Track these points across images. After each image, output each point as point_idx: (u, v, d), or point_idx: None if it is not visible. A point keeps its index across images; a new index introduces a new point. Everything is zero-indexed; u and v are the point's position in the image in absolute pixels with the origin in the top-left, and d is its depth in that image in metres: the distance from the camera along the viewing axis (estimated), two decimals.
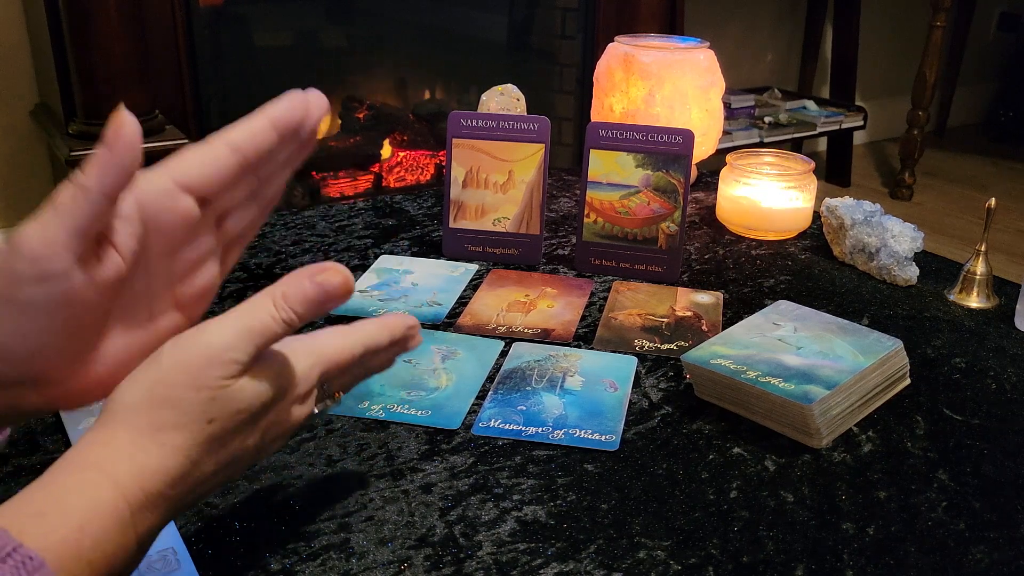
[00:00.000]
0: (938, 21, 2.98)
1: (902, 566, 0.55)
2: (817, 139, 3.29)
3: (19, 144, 2.18)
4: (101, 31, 1.73)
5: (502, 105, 1.10)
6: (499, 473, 0.62)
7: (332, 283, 0.43)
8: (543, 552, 0.55)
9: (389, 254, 0.98)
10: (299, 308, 0.43)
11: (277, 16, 2.37)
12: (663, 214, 0.93)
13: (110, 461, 0.40)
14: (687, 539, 0.56)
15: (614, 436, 0.66)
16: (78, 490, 0.39)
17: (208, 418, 0.42)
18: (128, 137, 0.40)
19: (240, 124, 0.45)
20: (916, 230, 0.93)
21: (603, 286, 0.92)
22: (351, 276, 0.44)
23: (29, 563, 0.35)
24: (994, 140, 3.89)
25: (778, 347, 0.70)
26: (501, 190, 0.96)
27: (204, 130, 2.03)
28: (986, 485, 0.62)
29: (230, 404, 0.42)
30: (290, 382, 0.45)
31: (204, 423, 0.42)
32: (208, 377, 0.42)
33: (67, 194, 0.40)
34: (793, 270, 0.97)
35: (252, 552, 0.54)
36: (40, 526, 0.37)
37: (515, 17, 2.68)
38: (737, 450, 0.65)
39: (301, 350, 0.46)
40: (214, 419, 0.42)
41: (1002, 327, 0.85)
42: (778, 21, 3.38)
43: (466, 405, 0.70)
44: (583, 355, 0.78)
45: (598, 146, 0.94)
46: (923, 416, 0.70)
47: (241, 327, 0.42)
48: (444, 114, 2.45)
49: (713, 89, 1.11)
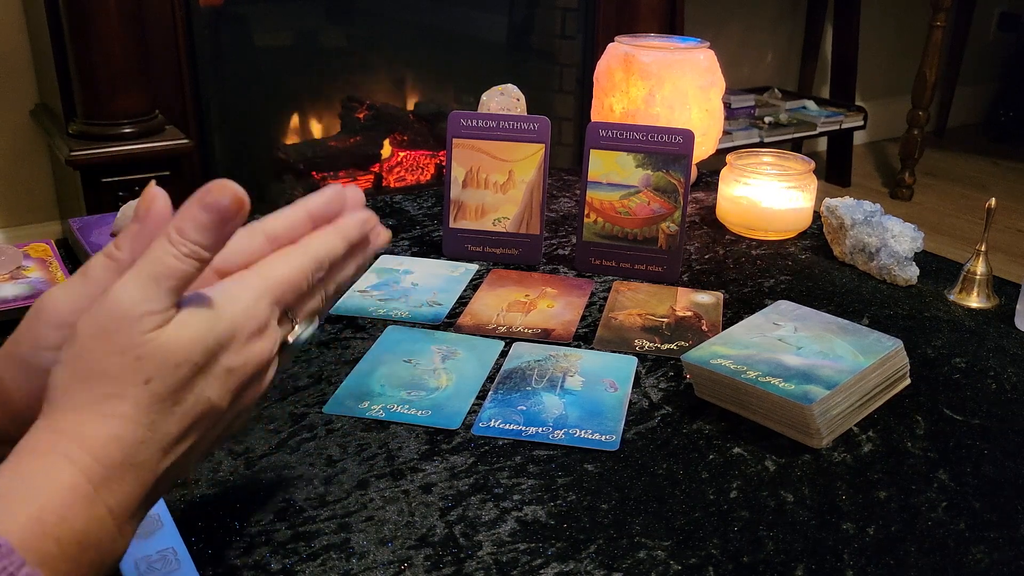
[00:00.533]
0: (938, 21, 2.98)
1: (902, 566, 0.55)
2: (817, 139, 3.29)
3: (19, 144, 2.19)
4: (101, 31, 1.73)
5: (502, 105, 1.10)
6: (499, 473, 0.62)
7: (222, 202, 0.40)
8: (543, 552, 0.55)
9: (389, 254, 0.98)
10: (197, 236, 0.40)
11: (277, 16, 2.37)
12: (663, 214, 0.93)
13: (61, 443, 0.39)
14: (687, 539, 0.56)
15: (614, 436, 0.66)
16: (36, 473, 0.38)
17: (144, 378, 0.39)
18: (158, 211, 0.42)
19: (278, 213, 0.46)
20: (916, 230, 0.93)
21: (603, 286, 0.92)
22: (240, 189, 0.41)
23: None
24: (994, 140, 3.89)
25: (778, 347, 0.70)
26: (501, 190, 0.96)
27: (204, 130, 2.04)
28: (986, 485, 0.62)
29: (163, 358, 0.40)
30: (232, 321, 0.42)
31: (141, 385, 0.39)
32: (127, 337, 0.39)
33: (98, 263, 0.42)
34: (793, 270, 0.97)
35: (252, 552, 0.54)
36: (2, 510, 0.37)
37: (515, 17, 2.68)
38: (737, 450, 0.65)
39: (240, 284, 0.43)
40: (151, 378, 0.39)
41: (1002, 327, 0.85)
42: (778, 21, 3.38)
43: (466, 405, 0.70)
44: (583, 355, 0.78)
45: (598, 146, 0.94)
46: (923, 416, 0.70)
47: (144, 276, 0.40)
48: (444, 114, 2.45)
49: (713, 89, 1.11)
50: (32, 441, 0.40)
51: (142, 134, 1.81)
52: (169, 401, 0.40)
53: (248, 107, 2.30)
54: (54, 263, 0.88)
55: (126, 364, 0.39)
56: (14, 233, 2.22)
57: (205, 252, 0.41)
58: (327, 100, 2.48)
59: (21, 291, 0.82)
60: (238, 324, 0.42)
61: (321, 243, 0.47)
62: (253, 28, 2.31)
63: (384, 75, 2.55)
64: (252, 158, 2.38)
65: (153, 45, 1.88)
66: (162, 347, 0.40)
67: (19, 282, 0.84)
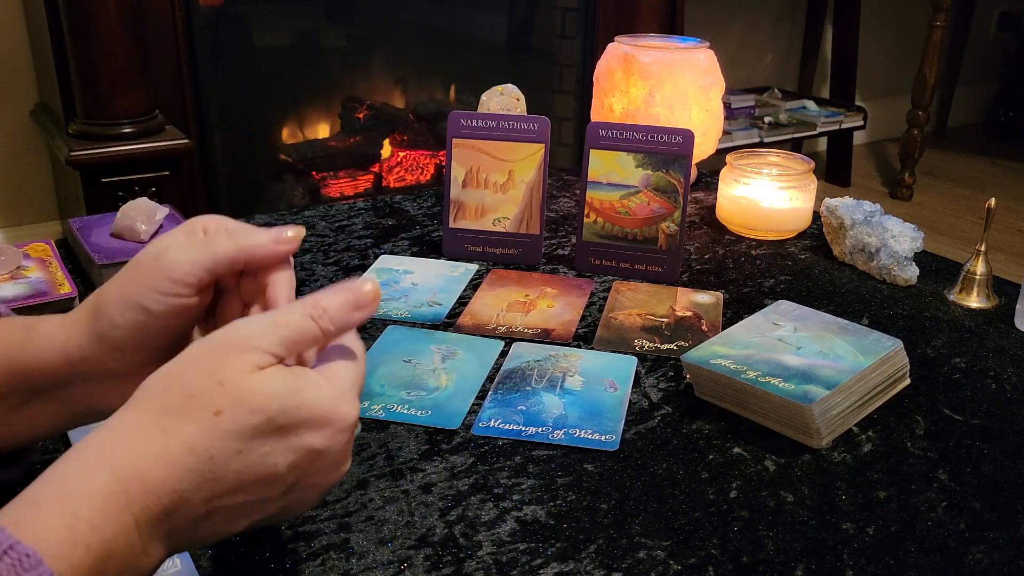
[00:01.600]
0: (938, 21, 2.98)
1: (902, 566, 0.55)
2: (817, 139, 3.29)
3: (19, 144, 2.19)
4: (101, 31, 1.73)
5: (502, 105, 1.10)
6: (499, 473, 0.62)
7: (362, 287, 0.45)
8: (543, 552, 0.55)
9: (389, 254, 0.98)
10: (329, 307, 0.44)
11: (277, 16, 2.37)
12: (663, 214, 0.93)
13: (111, 444, 0.40)
14: (687, 539, 0.56)
15: (614, 436, 0.66)
16: (75, 476, 0.39)
17: (215, 408, 0.40)
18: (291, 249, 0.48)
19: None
20: (916, 230, 0.93)
21: (603, 286, 0.92)
22: (378, 287, 0.46)
23: (26, 560, 0.35)
24: (994, 140, 3.89)
25: (778, 347, 0.70)
26: (501, 190, 0.96)
27: (204, 130, 2.03)
28: (986, 485, 0.62)
29: (241, 396, 0.40)
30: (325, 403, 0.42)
31: (210, 413, 0.40)
32: (222, 361, 0.41)
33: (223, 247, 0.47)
34: (793, 270, 0.97)
35: (252, 552, 0.54)
36: (35, 515, 0.37)
37: (515, 17, 2.68)
38: (737, 450, 0.65)
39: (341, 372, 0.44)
40: (221, 410, 0.40)
41: (1002, 327, 0.85)
42: (778, 21, 3.38)
43: (466, 405, 0.70)
44: (583, 355, 0.78)
45: (598, 146, 0.94)
46: (923, 416, 0.70)
47: (270, 319, 0.43)
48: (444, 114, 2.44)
49: (713, 89, 1.11)
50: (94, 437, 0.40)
51: (142, 134, 1.81)
52: (234, 445, 0.40)
53: (248, 107, 2.30)
54: (54, 263, 0.88)
55: (207, 386, 0.40)
56: (14, 233, 2.22)
57: (329, 324, 0.44)
58: (327, 100, 2.48)
59: (21, 291, 0.82)
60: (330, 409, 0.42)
61: None
62: (253, 28, 2.31)
63: (384, 75, 2.55)
64: (252, 158, 2.38)
65: (153, 45, 1.88)
66: (246, 384, 0.40)
67: (19, 282, 0.84)
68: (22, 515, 0.37)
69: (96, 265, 0.87)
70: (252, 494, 0.41)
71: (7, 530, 0.36)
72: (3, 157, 2.18)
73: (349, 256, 0.98)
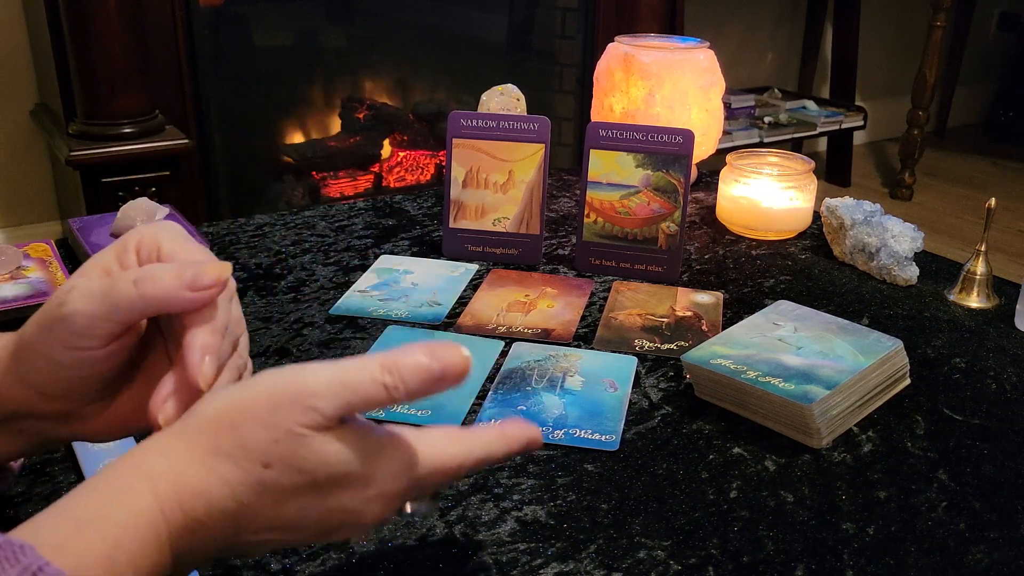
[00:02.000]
0: (938, 21, 2.98)
1: (902, 566, 0.55)
2: (817, 139, 3.29)
3: (19, 144, 2.19)
4: (101, 31, 1.73)
5: (502, 105, 1.10)
6: (499, 473, 0.62)
7: (450, 359, 0.40)
8: (543, 552, 0.55)
9: (389, 254, 0.98)
10: (407, 376, 0.39)
11: (277, 16, 2.37)
12: (663, 214, 0.93)
13: (157, 472, 0.39)
14: (687, 539, 0.56)
15: (614, 436, 0.66)
16: (121, 499, 0.38)
17: (265, 461, 0.39)
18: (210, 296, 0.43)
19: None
20: (916, 230, 0.93)
21: (603, 286, 0.92)
22: (470, 356, 0.40)
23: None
24: (994, 140, 3.89)
25: (778, 347, 0.70)
26: (501, 190, 0.96)
27: (204, 130, 2.04)
28: (986, 485, 0.62)
29: (294, 457, 0.39)
30: (376, 470, 0.41)
31: (259, 465, 0.39)
32: (282, 417, 0.39)
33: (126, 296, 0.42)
34: (793, 270, 0.97)
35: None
36: (77, 540, 0.36)
37: (515, 17, 2.68)
38: (737, 450, 0.65)
39: (407, 446, 0.42)
40: (271, 465, 0.39)
41: (1002, 327, 0.85)
42: (778, 21, 3.38)
43: (466, 405, 0.70)
44: (583, 355, 0.78)
45: (598, 146, 0.94)
46: (923, 416, 0.70)
47: (336, 377, 0.39)
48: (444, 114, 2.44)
49: (713, 89, 1.11)
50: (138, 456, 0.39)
51: (142, 134, 1.81)
52: (272, 496, 0.39)
53: (248, 107, 2.30)
54: (54, 263, 0.88)
55: (262, 439, 0.39)
56: (14, 233, 2.22)
57: (404, 393, 0.40)
58: (327, 100, 2.48)
59: (21, 291, 0.82)
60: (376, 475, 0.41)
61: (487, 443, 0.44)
62: (253, 28, 2.31)
63: (384, 75, 2.56)
64: (252, 158, 2.38)
65: (153, 45, 1.88)
66: (302, 447, 0.39)
67: (19, 282, 0.84)
68: (65, 539, 0.36)
69: None
70: (276, 535, 0.41)
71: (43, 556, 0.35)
72: (3, 157, 2.18)
73: (349, 256, 0.98)
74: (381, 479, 0.41)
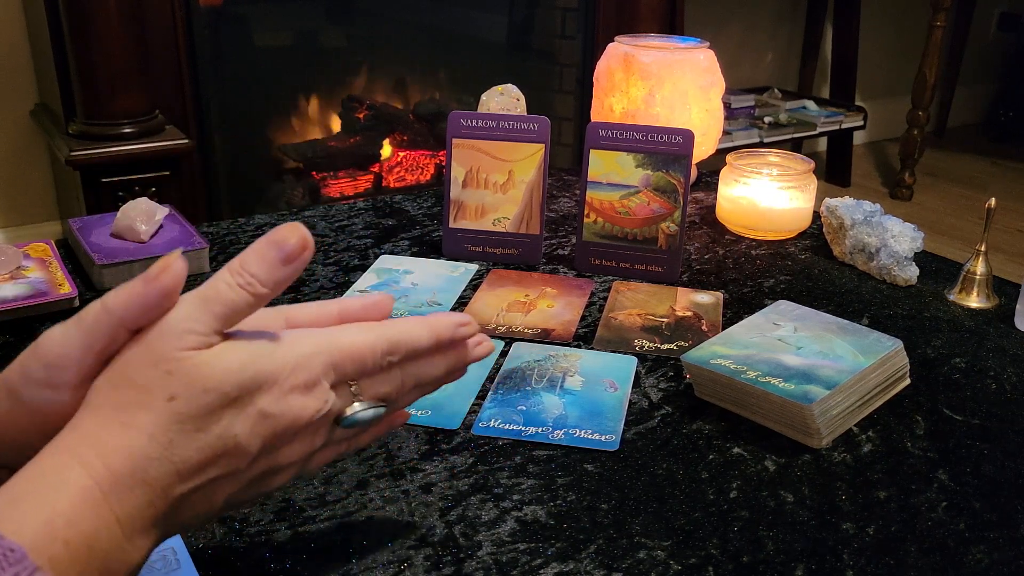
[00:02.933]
0: (938, 21, 2.98)
1: (902, 566, 0.55)
2: (817, 139, 3.29)
3: (19, 144, 2.19)
4: (101, 31, 1.73)
5: (502, 105, 1.10)
6: (499, 473, 0.62)
7: (288, 240, 0.42)
8: (543, 552, 0.55)
9: (389, 254, 0.98)
10: (255, 268, 0.41)
11: (277, 16, 2.37)
12: (663, 214, 0.93)
13: (76, 443, 0.39)
14: (687, 539, 0.56)
15: (614, 436, 0.66)
16: (50, 473, 0.39)
17: (168, 394, 0.40)
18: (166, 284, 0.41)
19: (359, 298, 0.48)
20: (916, 230, 0.93)
21: (603, 286, 0.92)
22: (307, 231, 0.42)
23: (11, 555, 0.35)
24: (994, 140, 3.89)
25: (778, 347, 0.70)
26: (501, 190, 0.96)
27: (204, 130, 2.04)
28: (986, 485, 0.62)
29: (192, 379, 0.40)
30: (278, 365, 0.42)
31: (164, 400, 0.40)
32: (163, 350, 0.40)
33: (92, 311, 0.41)
34: (793, 270, 0.97)
35: (252, 552, 0.54)
36: (15, 512, 0.37)
37: (515, 17, 2.68)
38: (737, 450, 0.65)
39: (304, 337, 0.44)
40: (175, 396, 0.40)
41: (1002, 327, 0.85)
42: (778, 21, 3.38)
43: (466, 405, 0.70)
44: (583, 355, 0.78)
45: (598, 146, 0.94)
46: (923, 416, 0.70)
47: (195, 299, 0.41)
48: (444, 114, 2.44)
49: (713, 89, 1.11)
50: (57, 438, 0.40)
51: (142, 134, 1.81)
52: (191, 425, 0.40)
53: (248, 107, 2.30)
54: (54, 263, 0.88)
55: (155, 376, 0.40)
56: (14, 233, 2.22)
57: (260, 287, 0.41)
58: (327, 100, 2.48)
59: (21, 291, 0.82)
60: (284, 370, 0.42)
61: (401, 327, 0.46)
62: (253, 28, 2.31)
63: (384, 75, 2.55)
64: (252, 158, 2.38)
65: (153, 45, 1.88)
66: (194, 367, 0.40)
67: (19, 282, 0.84)
68: (2, 512, 0.37)
69: (96, 265, 0.87)
70: (221, 468, 0.41)
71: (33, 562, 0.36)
72: (3, 157, 2.18)
73: (349, 256, 0.98)
74: (291, 370, 0.42)
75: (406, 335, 0.46)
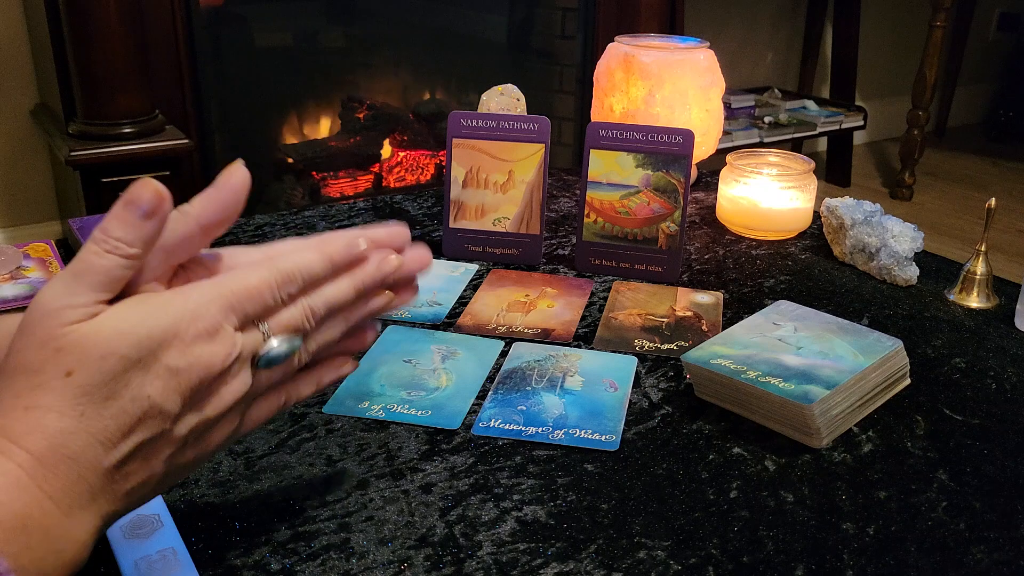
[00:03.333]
0: (938, 21, 2.98)
1: (902, 566, 0.55)
2: (817, 139, 3.29)
3: (19, 144, 2.19)
4: (101, 31, 1.73)
5: (502, 105, 1.10)
6: (499, 473, 0.62)
7: (142, 196, 0.41)
8: (543, 552, 0.55)
9: None
10: (118, 232, 0.41)
11: (277, 16, 2.37)
12: (663, 214, 0.93)
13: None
14: (687, 539, 0.56)
15: (614, 436, 0.66)
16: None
17: (64, 370, 0.39)
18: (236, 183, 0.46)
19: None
20: (916, 230, 0.93)
21: (603, 286, 0.92)
22: (161, 185, 0.41)
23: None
24: (994, 140, 3.89)
25: (778, 347, 0.70)
26: (501, 190, 0.96)
27: (204, 130, 2.04)
28: (986, 485, 0.62)
29: (84, 350, 0.40)
30: (173, 320, 0.41)
31: (62, 377, 0.39)
32: (46, 330, 0.40)
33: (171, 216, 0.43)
34: (793, 270, 0.97)
35: (252, 552, 0.54)
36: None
37: (515, 17, 2.68)
38: (737, 450, 0.65)
39: (196, 288, 0.43)
40: (72, 370, 0.39)
41: (1002, 327, 0.85)
42: (778, 21, 3.38)
43: (466, 405, 0.70)
44: (583, 355, 0.78)
45: (598, 146, 0.94)
46: (923, 416, 0.70)
47: (66, 275, 0.41)
48: (444, 114, 2.45)
49: (713, 89, 1.11)
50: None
51: (142, 134, 1.81)
52: (98, 394, 0.40)
53: (248, 107, 2.30)
54: (54, 263, 0.88)
55: (47, 356, 0.40)
56: (14, 233, 2.22)
57: (128, 248, 0.41)
58: (327, 100, 2.49)
59: (21, 291, 0.82)
60: (181, 323, 0.42)
61: (294, 258, 0.46)
62: (253, 28, 2.31)
63: (384, 75, 2.56)
64: (252, 158, 2.38)
65: (153, 45, 1.88)
66: (83, 338, 0.40)
67: (19, 282, 0.84)
68: None
69: None
70: (146, 432, 0.41)
71: None
72: (3, 157, 2.18)
73: None
74: (189, 321, 0.42)
75: (299, 264, 0.46)
